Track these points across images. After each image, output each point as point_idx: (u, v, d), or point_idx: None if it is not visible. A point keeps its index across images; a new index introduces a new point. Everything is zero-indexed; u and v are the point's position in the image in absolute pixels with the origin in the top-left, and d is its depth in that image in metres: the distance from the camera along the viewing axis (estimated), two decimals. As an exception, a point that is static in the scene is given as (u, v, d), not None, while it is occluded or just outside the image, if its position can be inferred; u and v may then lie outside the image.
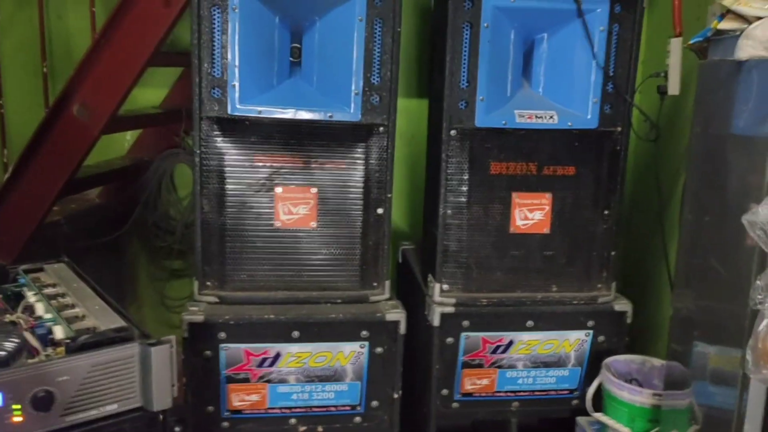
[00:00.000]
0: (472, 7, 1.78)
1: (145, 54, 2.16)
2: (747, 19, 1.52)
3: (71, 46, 2.85)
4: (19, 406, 1.03)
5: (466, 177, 1.89)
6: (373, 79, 1.81)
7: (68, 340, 1.15)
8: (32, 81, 2.95)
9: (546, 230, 1.94)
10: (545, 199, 1.93)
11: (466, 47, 1.80)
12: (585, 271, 1.99)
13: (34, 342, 1.17)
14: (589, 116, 1.87)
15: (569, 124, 1.86)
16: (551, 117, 1.85)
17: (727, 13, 1.58)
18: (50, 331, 1.19)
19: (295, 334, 1.80)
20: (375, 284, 1.93)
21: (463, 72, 1.82)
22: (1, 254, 2.31)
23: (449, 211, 1.90)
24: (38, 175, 2.29)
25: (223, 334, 1.77)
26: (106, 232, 2.75)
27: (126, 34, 2.15)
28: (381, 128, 1.85)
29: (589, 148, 1.92)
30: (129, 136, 3.04)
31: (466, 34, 1.79)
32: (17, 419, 1.03)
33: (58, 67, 2.65)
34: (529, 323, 1.94)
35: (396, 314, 1.84)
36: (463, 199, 1.90)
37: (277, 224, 1.88)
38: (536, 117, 1.85)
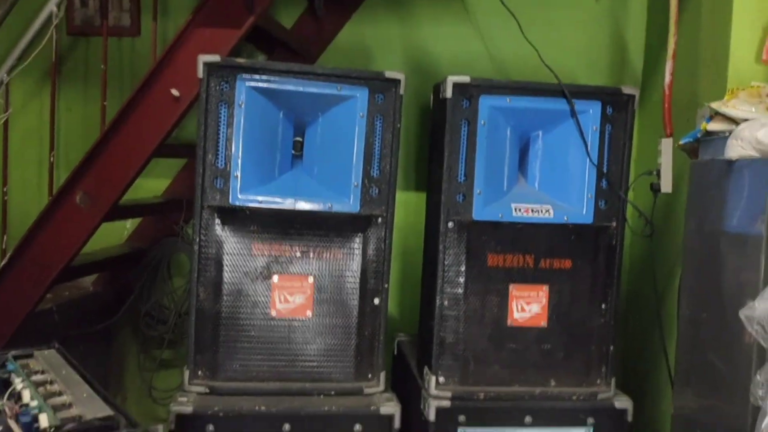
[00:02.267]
0: (469, 105, 1.86)
1: (151, 146, 2.23)
2: (735, 121, 1.59)
3: (79, 137, 2.93)
4: (-4, 499, 0.98)
5: (463, 269, 1.90)
6: (373, 172, 1.86)
7: (53, 429, 1.11)
8: (37, 171, 3.01)
9: (543, 323, 1.93)
10: (542, 292, 1.93)
11: (463, 143, 1.86)
12: (584, 366, 1.96)
13: (18, 430, 1.13)
14: (584, 211, 1.91)
15: (565, 218, 1.90)
16: (547, 211, 1.89)
17: (715, 115, 1.66)
18: (35, 419, 1.15)
19: (286, 427, 1.74)
20: (370, 376, 1.89)
21: (461, 166, 1.87)
22: (-9, 341, 2.27)
23: (446, 303, 1.89)
24: (35, 263, 2.29)
25: (211, 427, 1.71)
26: (97, 320, 2.72)
27: (134, 127, 2.23)
28: (379, 219, 1.88)
29: (585, 243, 1.94)
30: (129, 224, 3.07)
31: (464, 131, 1.86)
32: None
33: (64, 158, 2.72)
34: (528, 419, 1.88)
35: (390, 407, 1.79)
36: (460, 291, 1.90)
37: (273, 313, 1.86)
38: (532, 211, 1.89)
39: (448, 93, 1.84)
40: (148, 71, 2.25)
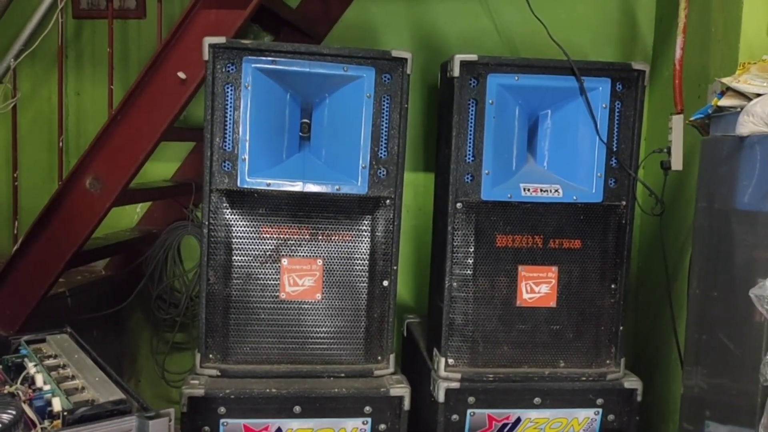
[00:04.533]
0: (477, 84, 1.84)
1: (159, 130, 2.22)
2: (746, 96, 1.57)
3: (87, 121, 2.94)
4: (11, 481, 1.00)
5: (472, 250, 1.90)
6: (381, 153, 1.85)
7: (66, 413, 1.12)
8: (47, 156, 3.02)
9: (552, 304, 1.93)
10: (551, 273, 1.92)
11: (471, 123, 1.85)
12: (593, 346, 1.96)
13: (31, 414, 1.15)
14: (593, 190, 1.89)
15: (574, 197, 1.88)
16: (556, 191, 1.87)
17: (726, 90, 1.63)
18: (49, 403, 1.17)
19: (297, 409, 1.76)
20: (379, 358, 1.90)
21: (469, 147, 1.86)
22: (4, 325, 2.30)
23: (455, 284, 1.89)
24: (46, 247, 2.31)
25: (223, 409, 1.73)
26: (109, 304, 2.75)
27: (142, 110, 2.22)
28: (388, 201, 1.87)
29: (594, 222, 1.93)
30: (139, 209, 3.09)
31: (472, 111, 1.84)
32: (9, 495, 1.00)
33: (74, 143, 2.73)
34: (537, 400, 1.89)
35: (400, 389, 1.80)
36: (469, 272, 1.90)
37: (283, 296, 1.87)
38: (541, 191, 1.87)
39: (456, 71, 1.82)
40: (154, 54, 2.24)
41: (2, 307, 2.32)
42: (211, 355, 1.84)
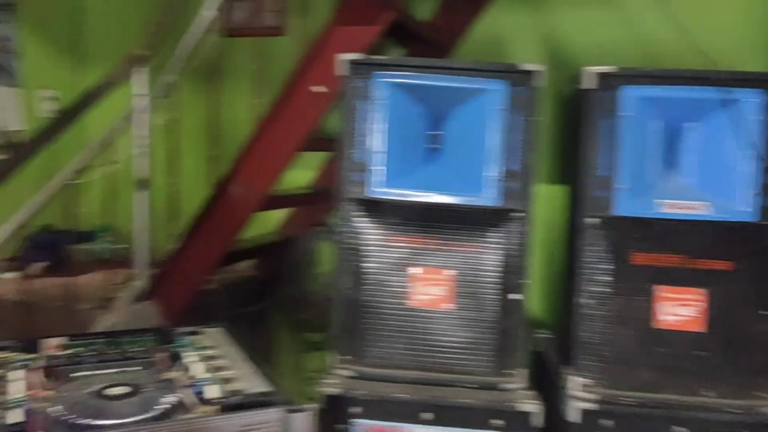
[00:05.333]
0: (611, 96, 1.78)
1: (298, 141, 2.37)
2: None
3: (237, 132, 3.17)
4: (174, 458, 1.13)
5: (606, 266, 1.84)
6: (511, 165, 1.85)
7: (220, 400, 1.24)
8: (202, 163, 3.31)
9: (697, 328, 1.81)
10: (695, 294, 1.81)
11: (604, 135, 1.79)
12: (743, 376, 1.81)
13: (189, 399, 1.28)
14: (747, 208, 1.76)
15: (724, 216, 1.76)
16: (702, 208, 1.77)
17: None
18: (203, 391, 1.29)
19: (427, 416, 1.79)
20: (509, 372, 1.89)
21: (602, 160, 1.80)
22: (166, 317, 2.55)
23: (587, 301, 1.84)
24: (201, 248, 2.53)
25: (357, 409, 1.80)
26: (254, 302, 2.95)
27: (283, 123, 2.38)
28: (518, 213, 1.86)
29: (748, 242, 1.79)
30: (281, 214, 3.28)
31: (605, 123, 1.79)
32: (170, 470, 1.12)
33: (224, 151, 2.96)
34: (679, 430, 1.78)
35: (531, 405, 1.78)
36: (604, 290, 1.84)
37: (411, 304, 1.92)
38: (684, 207, 1.78)
39: (589, 83, 1.78)
40: (294, 70, 2.40)
41: (163, 301, 2.57)
42: (346, 357, 1.92)
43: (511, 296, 1.87)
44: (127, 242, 3.04)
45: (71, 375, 1.38)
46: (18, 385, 1.28)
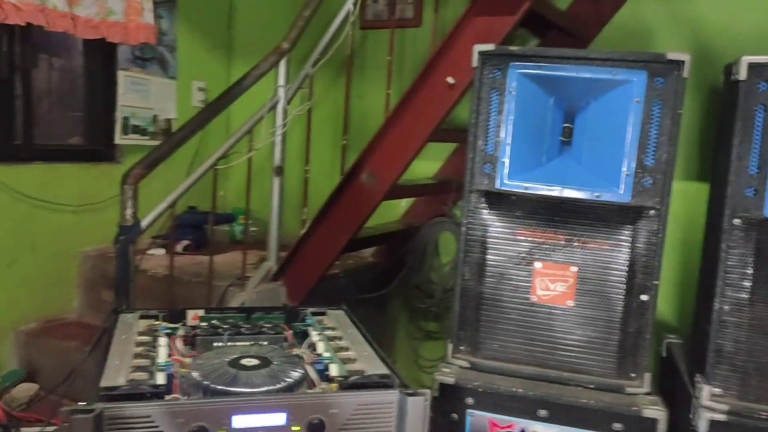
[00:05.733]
0: (767, 88, 1.64)
1: (427, 131, 2.39)
2: None
3: (366, 122, 3.26)
4: (298, 428, 1.20)
5: (749, 272, 1.70)
6: (647, 160, 1.76)
7: (341, 378, 1.30)
8: (332, 151, 3.43)
9: None
10: None
11: (758, 131, 1.65)
12: None
13: (313, 375, 1.35)
14: None
15: None
16: None
17: None
18: (327, 368, 1.36)
19: (543, 413, 1.77)
20: (633, 375, 1.81)
21: (753, 157, 1.67)
22: (292, 297, 2.69)
23: (726, 308, 1.71)
24: (328, 233, 2.64)
25: (471, 400, 1.81)
26: (374, 288, 3.03)
27: (413, 113, 2.42)
28: (652, 211, 1.77)
29: None
30: (404, 203, 3.34)
31: (759, 117, 1.65)
32: (294, 439, 1.20)
33: (354, 140, 3.06)
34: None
35: (655, 411, 1.70)
36: (745, 296, 1.71)
37: (533, 299, 1.89)
38: None
39: (742, 75, 1.65)
40: (427, 61, 2.42)
41: (291, 282, 2.72)
42: (462, 347, 1.93)
43: (641, 297, 1.79)
44: (261, 225, 3.23)
45: (209, 344, 1.50)
46: (163, 350, 1.41)
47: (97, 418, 1.07)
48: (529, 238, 1.91)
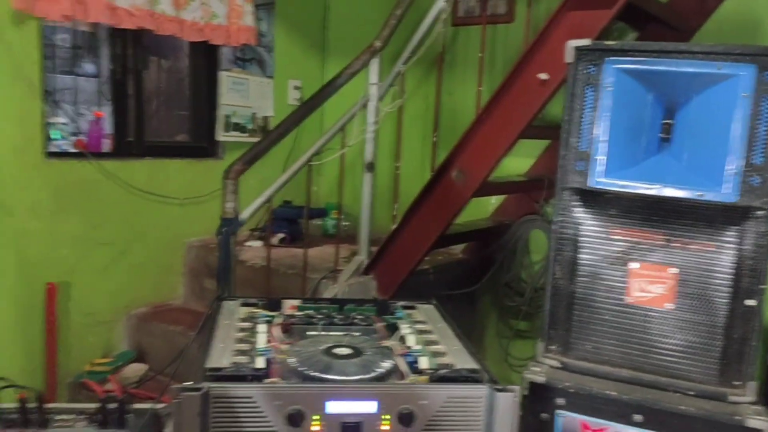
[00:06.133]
0: None
1: (519, 128, 2.37)
2: None
3: (456, 119, 3.27)
4: (388, 417, 1.23)
5: None
6: (755, 158, 1.67)
7: (431, 371, 1.32)
8: (422, 148, 3.47)
9: None
10: None
11: None
12: None
13: (403, 367, 1.38)
14: None
15: None
16: None
17: None
18: (416, 361, 1.38)
19: (637, 418, 1.72)
20: (736, 383, 1.72)
21: None
22: (382, 290, 2.75)
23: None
24: (418, 228, 2.67)
25: (561, 401, 1.79)
26: (463, 285, 3.04)
27: (504, 109, 2.40)
28: (760, 212, 1.68)
29: None
30: (494, 200, 3.32)
31: None
32: (385, 428, 1.23)
33: (444, 137, 3.08)
34: None
35: (760, 422, 1.61)
36: None
37: (628, 300, 1.84)
38: None
39: None
40: (519, 56, 2.39)
41: (381, 276, 2.77)
42: (552, 347, 1.91)
43: (746, 302, 1.70)
44: (352, 220, 3.31)
45: (304, 333, 1.57)
46: (262, 336, 1.49)
47: (203, 396, 1.15)
48: (625, 238, 1.85)
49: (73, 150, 2.96)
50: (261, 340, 1.47)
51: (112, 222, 3.05)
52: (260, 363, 1.33)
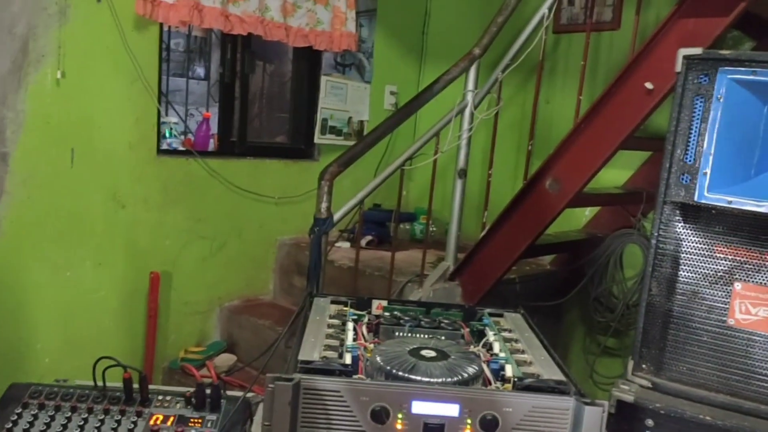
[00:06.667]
0: None
1: (620, 138, 2.31)
2: None
3: (552, 128, 3.21)
4: (470, 421, 1.23)
5: None
6: None
7: (516, 379, 1.31)
8: (516, 156, 3.43)
9: None
10: None
11: None
12: None
13: (488, 373, 1.38)
14: None
15: None
16: None
17: None
18: (502, 368, 1.38)
19: (734, 446, 1.63)
20: None
21: None
22: (467, 298, 2.74)
23: None
24: (507, 237, 2.65)
25: (650, 422, 1.72)
26: (550, 297, 2.98)
27: (605, 119, 2.34)
28: None
29: None
30: (588, 212, 3.24)
31: None
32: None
33: (539, 146, 3.03)
34: None
35: None
36: None
37: (730, 322, 1.74)
38: None
39: None
40: (625, 65, 2.33)
41: (466, 283, 2.77)
42: (644, 365, 1.84)
43: None
44: (441, 226, 3.32)
45: (390, 333, 1.59)
46: (351, 334, 1.52)
47: (295, 386, 1.20)
48: (729, 257, 1.76)
49: (181, 148, 3.15)
50: (349, 338, 1.51)
51: (212, 217, 3.21)
52: (348, 359, 1.37)
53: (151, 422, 1.40)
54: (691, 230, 1.81)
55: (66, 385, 1.47)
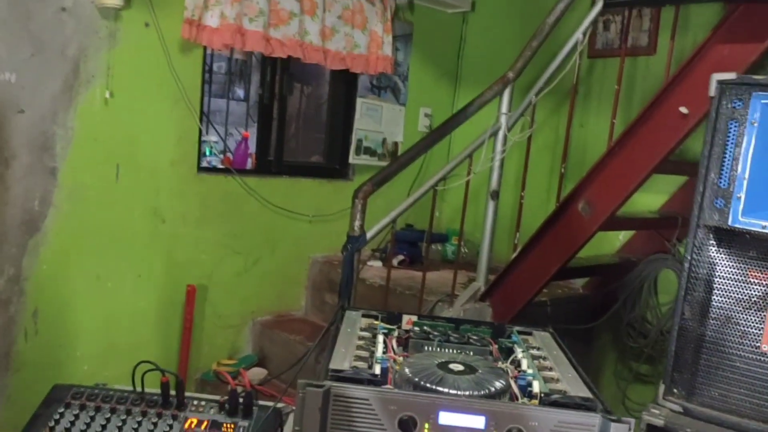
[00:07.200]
0: None
1: (653, 163, 2.31)
2: None
3: (586, 151, 3.21)
4: (496, 434, 1.25)
5: None
6: None
7: (542, 395, 1.32)
8: (548, 179, 3.43)
9: None
10: None
11: None
12: None
13: (515, 389, 1.39)
14: None
15: None
16: None
17: None
18: (529, 384, 1.39)
19: (767, 475, 1.60)
20: None
21: None
22: (497, 319, 2.74)
23: None
24: (539, 259, 2.65)
25: (681, 447, 1.70)
26: (582, 320, 2.96)
27: (639, 143, 2.35)
28: None
29: None
30: (621, 236, 3.22)
31: None
32: (493, 445, 1.25)
33: (572, 169, 3.04)
34: None
35: None
36: None
37: (764, 348, 1.72)
38: None
39: None
40: (659, 89, 2.34)
41: (497, 304, 2.77)
42: (675, 390, 1.82)
43: None
44: (472, 247, 3.33)
45: (420, 347, 1.62)
46: (381, 346, 1.56)
47: (326, 393, 1.24)
48: (764, 282, 1.74)
49: (220, 166, 3.24)
50: (379, 350, 1.54)
51: (248, 233, 3.29)
52: (377, 370, 1.40)
53: (186, 426, 1.44)
54: (725, 255, 1.80)
55: (106, 388, 1.53)
